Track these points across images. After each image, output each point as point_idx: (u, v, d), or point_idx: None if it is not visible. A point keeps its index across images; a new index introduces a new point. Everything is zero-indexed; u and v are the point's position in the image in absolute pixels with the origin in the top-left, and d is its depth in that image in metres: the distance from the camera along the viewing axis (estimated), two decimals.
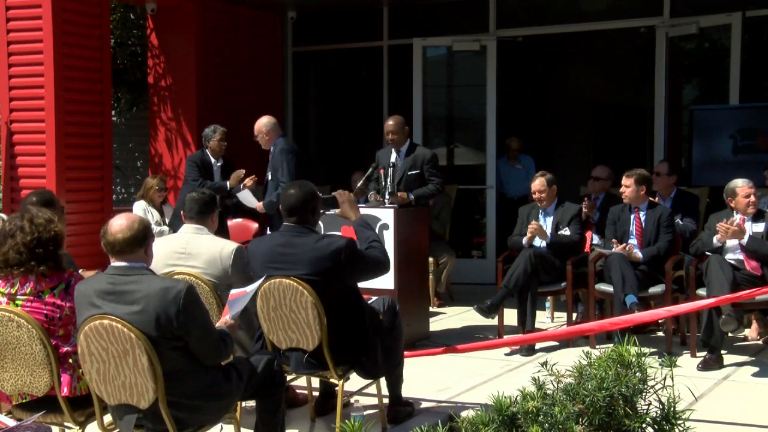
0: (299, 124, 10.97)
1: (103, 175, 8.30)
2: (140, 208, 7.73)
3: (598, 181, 7.48)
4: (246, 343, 4.58)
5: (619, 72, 11.62)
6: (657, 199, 6.91)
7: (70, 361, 3.67)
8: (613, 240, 6.39)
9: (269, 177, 7.29)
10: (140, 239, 3.44)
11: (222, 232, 7.60)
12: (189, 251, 4.56)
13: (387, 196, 6.51)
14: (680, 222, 6.72)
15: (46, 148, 7.78)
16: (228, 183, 7.65)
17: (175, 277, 4.36)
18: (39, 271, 3.63)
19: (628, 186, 6.44)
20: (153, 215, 7.75)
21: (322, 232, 4.94)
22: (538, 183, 6.78)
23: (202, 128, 9.24)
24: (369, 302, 4.58)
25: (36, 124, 7.81)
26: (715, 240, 5.99)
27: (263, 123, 7.44)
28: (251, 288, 4.01)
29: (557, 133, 12.26)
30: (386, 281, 6.02)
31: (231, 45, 9.71)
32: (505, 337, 6.44)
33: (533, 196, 6.83)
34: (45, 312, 3.64)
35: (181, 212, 4.84)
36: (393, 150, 7.00)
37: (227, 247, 4.54)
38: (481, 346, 5.83)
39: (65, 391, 3.63)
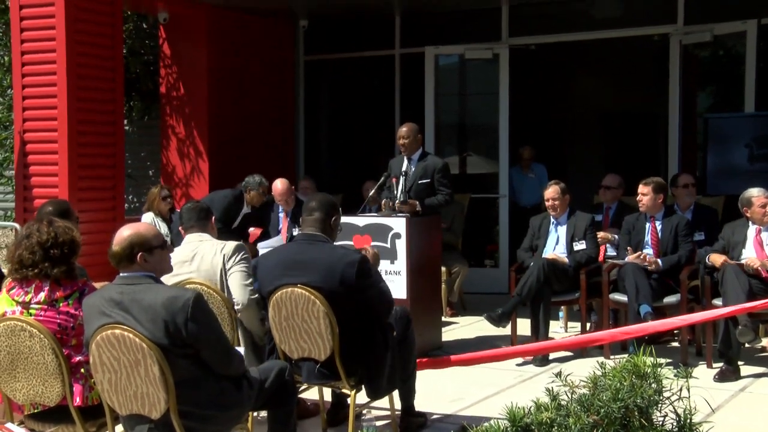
0: (311, 133, 10.98)
1: (115, 184, 8.33)
2: (148, 219, 7.74)
3: (609, 190, 7.45)
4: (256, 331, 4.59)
5: (633, 80, 11.58)
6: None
7: (82, 371, 3.66)
8: (628, 248, 6.36)
9: (294, 231, 7.44)
10: (127, 254, 3.44)
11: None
12: (197, 258, 4.61)
13: (397, 204, 6.49)
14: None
15: (59, 157, 7.81)
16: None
17: (186, 286, 4.38)
18: (53, 275, 3.63)
19: (645, 194, 6.40)
20: (161, 226, 7.75)
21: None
22: (552, 191, 6.76)
23: (214, 137, 9.30)
24: None
25: (48, 134, 7.84)
26: (706, 259, 5.99)
27: (288, 185, 7.79)
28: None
29: (570, 141, 12.23)
30: (398, 291, 6.01)
31: (242, 54, 9.74)
32: (517, 346, 6.41)
33: (546, 204, 6.81)
34: (59, 321, 3.64)
35: (180, 228, 4.89)
36: (405, 158, 6.99)
37: (229, 243, 4.60)
38: (491, 355, 5.79)
39: (77, 401, 3.63)
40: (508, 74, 9.29)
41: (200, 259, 4.59)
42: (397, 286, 6.07)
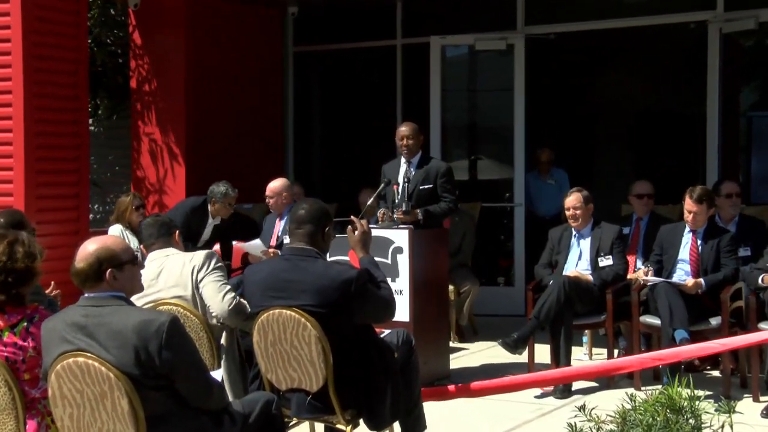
0: (301, 135, 10.99)
1: (79, 192, 8.31)
2: (116, 232, 7.71)
3: (642, 199, 7.42)
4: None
5: (666, 74, 11.59)
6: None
7: (39, 406, 3.64)
8: (642, 267, 6.36)
9: (285, 240, 7.42)
10: (94, 272, 3.42)
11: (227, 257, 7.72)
12: (164, 275, 4.61)
13: (395, 212, 6.48)
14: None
15: (14, 162, 7.80)
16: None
17: (160, 308, 4.36)
18: None
19: (698, 213, 6.34)
20: (131, 240, 7.72)
21: (328, 256, 4.91)
22: (573, 199, 6.76)
23: (191, 138, 9.30)
24: (382, 336, 4.57)
25: (2, 135, 7.83)
26: (760, 280, 5.96)
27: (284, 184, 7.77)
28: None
29: (594, 144, 12.24)
30: (401, 312, 5.98)
31: (224, 44, 9.76)
32: (535, 373, 6.40)
33: (567, 213, 6.82)
34: (5, 355, 3.60)
35: (140, 246, 4.91)
36: (404, 161, 6.99)
37: (198, 253, 4.63)
38: (505, 385, 5.78)
39: None
40: (524, 67, 9.29)
41: (167, 275, 4.59)
42: (399, 307, 6.00)
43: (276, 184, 7.85)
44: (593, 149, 12.21)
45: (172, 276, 4.58)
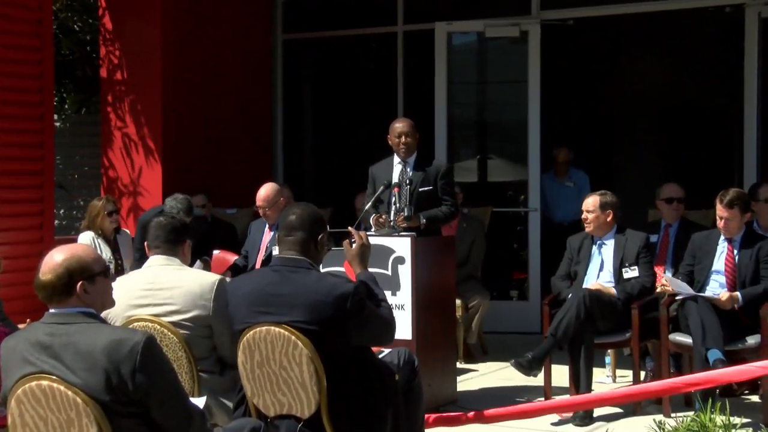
0: (291, 131, 10.98)
1: (43, 196, 8.30)
2: (86, 240, 7.69)
3: (671, 204, 7.39)
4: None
5: (698, 64, 11.60)
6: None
7: None
8: (664, 280, 6.35)
9: (274, 251, 7.40)
10: (64, 284, 3.40)
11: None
12: (158, 287, 4.56)
13: (393, 217, 6.47)
14: None
15: None
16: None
17: (133, 326, 4.34)
18: None
19: (730, 219, 6.34)
20: (103, 249, 7.70)
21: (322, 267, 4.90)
22: (589, 201, 6.77)
23: (169, 135, 9.29)
24: (381, 356, 4.56)
25: None
26: None
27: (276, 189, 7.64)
28: None
29: (617, 142, 12.24)
30: (402, 330, 5.97)
31: (205, 31, 9.75)
32: (552, 399, 6.37)
33: (582, 216, 6.83)
34: None
35: (145, 244, 4.86)
36: (398, 161, 6.98)
37: (207, 278, 4.56)
38: (519, 411, 5.76)
39: None
40: (540, 57, 9.29)
41: (167, 288, 4.54)
42: (401, 324, 5.99)
43: (266, 191, 7.54)
44: (616, 148, 12.21)
45: (174, 294, 4.53)
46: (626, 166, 11.86)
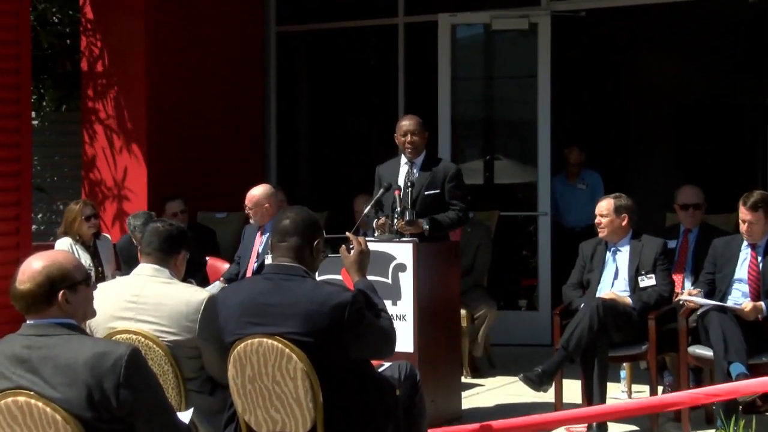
0: (285, 129, 10.98)
1: (19, 199, 8.27)
2: (64, 247, 7.68)
3: (687, 210, 7.36)
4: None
5: (719, 58, 11.61)
6: None
7: None
8: (688, 290, 6.35)
9: (267, 260, 7.43)
10: (45, 294, 3.40)
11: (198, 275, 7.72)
12: (143, 301, 4.54)
13: (395, 221, 6.47)
14: None
15: None
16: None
17: (116, 338, 4.34)
18: None
19: (754, 223, 6.31)
20: (82, 256, 7.69)
21: (317, 275, 4.90)
22: (604, 205, 6.77)
23: (155, 134, 9.28)
24: (380, 370, 4.55)
25: None
26: None
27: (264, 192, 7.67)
28: None
29: (633, 141, 12.24)
30: (403, 342, 5.97)
31: (194, 23, 9.76)
32: (563, 411, 6.37)
33: (596, 220, 6.84)
34: None
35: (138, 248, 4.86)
36: (404, 162, 6.98)
37: (194, 297, 4.52)
38: (528, 424, 5.75)
39: None
40: (550, 51, 9.29)
41: (152, 303, 4.53)
42: (402, 336, 5.99)
43: (255, 192, 7.69)
44: (632, 147, 12.21)
45: (159, 310, 4.52)
46: (642, 167, 11.86)
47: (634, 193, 7.09)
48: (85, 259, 7.71)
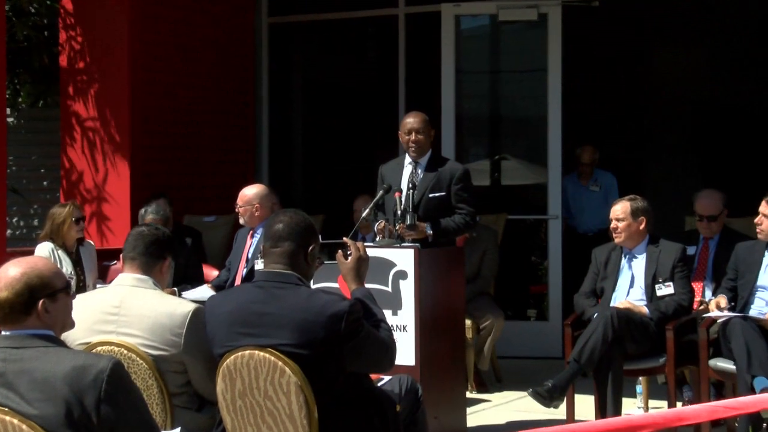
0: (278, 126, 10.97)
1: None
2: (44, 252, 7.67)
3: (702, 222, 7.30)
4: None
5: (741, 52, 11.60)
6: None
7: None
8: (713, 298, 6.35)
9: (257, 265, 7.49)
10: (23, 303, 3.39)
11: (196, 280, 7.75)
12: (124, 313, 4.53)
13: (397, 227, 6.47)
14: None
15: None
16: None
17: (97, 350, 4.33)
18: None
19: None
20: (63, 263, 7.69)
21: (312, 283, 4.90)
22: (620, 208, 6.77)
23: (138, 132, 9.27)
24: (380, 384, 4.56)
25: None
26: None
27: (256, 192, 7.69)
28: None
29: (650, 139, 12.23)
30: (404, 354, 5.97)
31: (181, 15, 9.76)
32: (576, 424, 6.36)
33: (611, 225, 6.83)
34: None
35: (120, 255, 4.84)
36: (408, 162, 6.97)
37: (179, 309, 4.51)
38: None
39: None
40: (561, 43, 9.29)
41: (134, 314, 4.52)
42: (402, 348, 6.00)
43: (248, 191, 7.73)
44: (648, 147, 12.20)
45: (142, 323, 4.51)
46: (659, 167, 11.85)
47: (650, 195, 7.09)
48: (67, 266, 7.71)
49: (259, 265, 7.51)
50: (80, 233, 7.89)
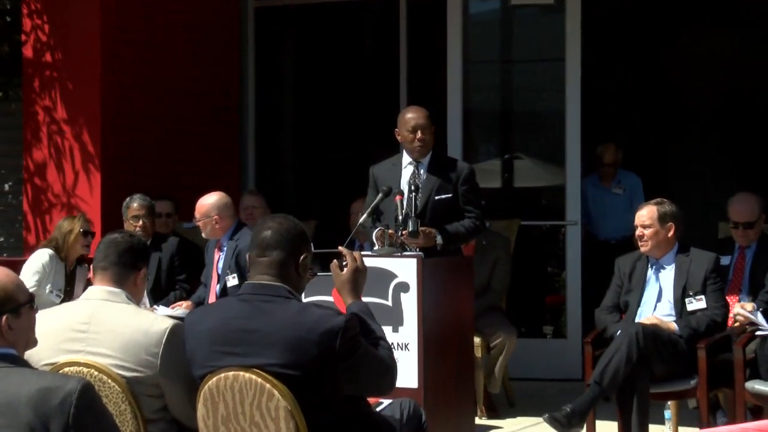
0: (265, 122, 10.97)
1: None
2: (43, 256, 7.72)
3: (738, 230, 7.31)
4: None
5: None
6: None
7: None
8: (744, 304, 6.36)
9: (229, 282, 7.50)
10: None
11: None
12: (94, 330, 4.52)
13: (402, 235, 6.46)
14: None
15: None
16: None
17: (64, 371, 4.32)
18: None
19: None
20: (58, 276, 7.74)
21: (304, 298, 4.90)
22: (646, 214, 6.77)
23: (110, 129, 9.26)
24: (379, 409, 4.56)
25: None
26: None
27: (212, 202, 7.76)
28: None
29: (678, 137, 12.23)
30: (406, 376, 5.97)
31: (158, 1, 9.76)
32: None
33: (636, 232, 6.83)
34: None
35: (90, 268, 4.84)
36: (407, 162, 6.98)
37: (157, 324, 4.49)
38: None
39: None
40: (580, 31, 9.30)
41: (105, 331, 4.51)
42: (404, 369, 6.01)
43: (204, 201, 7.90)
44: (677, 144, 12.19)
45: (114, 341, 4.50)
46: (689, 168, 11.84)
47: (679, 199, 7.08)
48: (60, 281, 7.77)
49: (231, 281, 7.57)
50: (86, 249, 7.93)
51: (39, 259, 7.72)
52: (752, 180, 7.97)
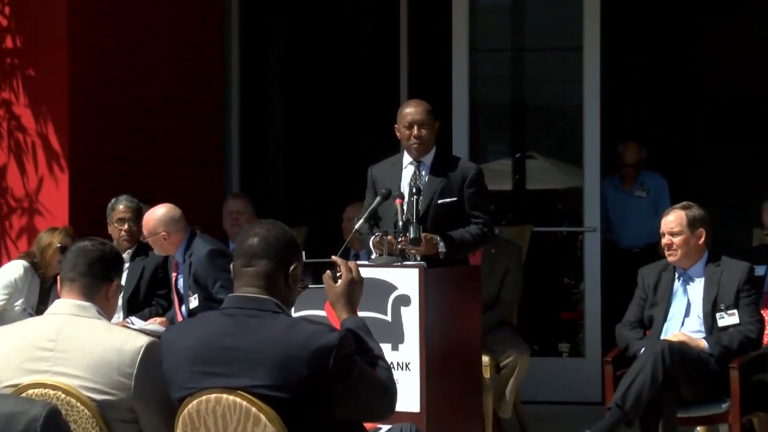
0: (251, 120, 10.98)
1: None
2: (17, 268, 7.72)
3: None
4: None
5: None
6: None
7: None
8: None
9: (191, 303, 7.51)
10: None
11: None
12: (61, 348, 4.50)
13: (402, 242, 6.45)
14: None
15: None
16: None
17: (28, 393, 4.30)
18: None
19: None
20: (32, 289, 7.75)
21: (294, 312, 4.89)
22: (673, 219, 6.78)
23: (79, 129, 9.26)
24: None
25: None
26: None
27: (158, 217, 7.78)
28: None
29: (706, 135, 12.25)
30: (407, 399, 5.97)
31: None
32: None
33: (663, 240, 6.81)
34: None
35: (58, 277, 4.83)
36: (408, 161, 6.98)
37: (131, 342, 4.47)
38: None
39: None
40: (600, 17, 9.31)
41: (72, 349, 4.49)
42: (404, 390, 6.01)
43: (149, 217, 7.86)
44: (705, 143, 12.22)
45: (83, 360, 4.49)
46: (718, 169, 11.86)
47: (707, 203, 7.09)
48: (33, 296, 7.76)
49: (193, 302, 7.57)
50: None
51: (12, 271, 7.72)
52: None
